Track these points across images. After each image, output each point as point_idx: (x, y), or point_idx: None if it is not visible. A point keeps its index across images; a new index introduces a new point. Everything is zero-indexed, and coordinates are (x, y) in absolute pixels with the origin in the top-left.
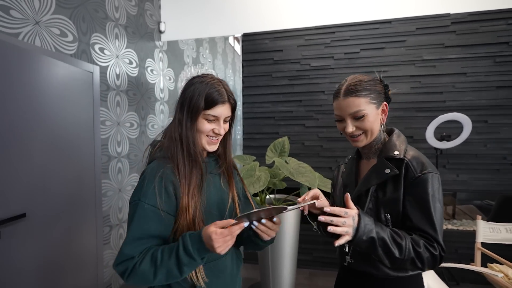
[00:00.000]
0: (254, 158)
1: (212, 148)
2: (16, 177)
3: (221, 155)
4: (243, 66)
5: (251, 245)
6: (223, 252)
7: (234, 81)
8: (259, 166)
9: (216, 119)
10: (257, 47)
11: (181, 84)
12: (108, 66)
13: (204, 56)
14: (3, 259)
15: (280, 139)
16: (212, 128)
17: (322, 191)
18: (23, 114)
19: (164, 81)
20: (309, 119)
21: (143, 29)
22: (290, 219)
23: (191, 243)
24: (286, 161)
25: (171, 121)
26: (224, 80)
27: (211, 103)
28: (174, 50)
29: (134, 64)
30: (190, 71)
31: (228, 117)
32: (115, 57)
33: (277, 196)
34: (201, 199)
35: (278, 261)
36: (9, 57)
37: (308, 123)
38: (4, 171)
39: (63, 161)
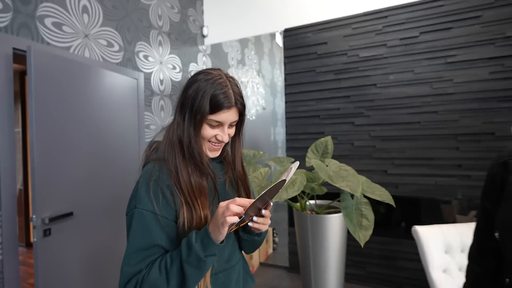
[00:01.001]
0: (293, 160)
1: (214, 154)
2: (65, 178)
3: (229, 162)
4: (285, 63)
5: (248, 245)
6: (221, 227)
7: (283, 82)
8: (298, 168)
9: (219, 124)
10: (299, 42)
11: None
12: (152, 72)
13: (250, 57)
14: (54, 252)
15: (322, 138)
16: (215, 134)
17: (375, 201)
18: (73, 119)
19: None
20: (358, 116)
21: (186, 35)
22: (333, 226)
23: (195, 236)
24: (326, 164)
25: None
26: (273, 81)
27: (215, 107)
28: (218, 53)
29: (178, 69)
30: (237, 74)
31: (235, 122)
32: (159, 63)
33: (318, 202)
34: (210, 207)
35: (321, 273)
36: (61, 69)
37: (358, 120)
38: (55, 172)
39: (109, 164)
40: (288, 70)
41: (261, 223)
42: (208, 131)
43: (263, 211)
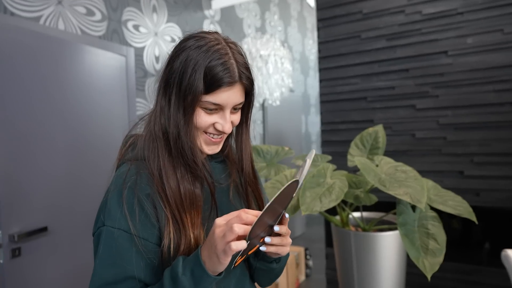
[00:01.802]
0: (329, 158)
1: (212, 150)
2: (36, 184)
3: (234, 162)
4: (318, 28)
5: (263, 275)
6: (222, 256)
7: (317, 54)
8: (335, 170)
9: (219, 108)
10: None
11: None
12: (144, 47)
13: (272, 23)
14: (25, 276)
15: (370, 128)
16: (213, 123)
17: (446, 214)
18: (44, 111)
19: None
20: (422, 97)
21: None
22: (386, 247)
23: (182, 265)
24: (376, 163)
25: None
26: (303, 54)
27: (211, 83)
28: (230, 19)
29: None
30: (255, 45)
31: (240, 104)
32: (153, 35)
33: (365, 215)
34: (206, 224)
35: None
36: (29, 46)
37: (421, 103)
38: (23, 177)
39: (92, 166)
40: (322, 37)
41: (278, 244)
42: (203, 118)
43: (277, 228)
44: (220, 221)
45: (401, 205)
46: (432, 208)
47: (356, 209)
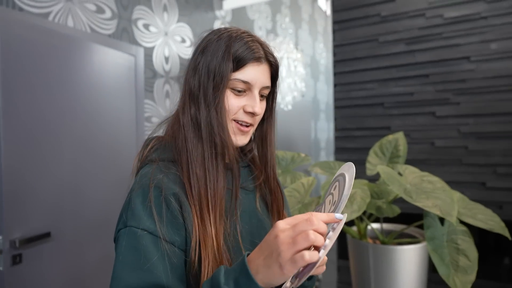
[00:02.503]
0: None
1: (241, 140)
2: (42, 188)
3: (258, 159)
4: (334, 31)
5: None
6: (288, 267)
7: (327, 59)
8: (354, 179)
9: (247, 87)
10: (355, 0)
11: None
12: (154, 47)
13: (283, 26)
14: (27, 284)
15: (390, 136)
16: (243, 106)
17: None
18: (53, 110)
19: None
20: (443, 103)
21: None
22: (408, 262)
23: (224, 273)
24: (399, 172)
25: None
26: (314, 58)
27: (239, 60)
28: (241, 20)
29: (188, 43)
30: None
31: (267, 88)
32: (164, 35)
33: (385, 226)
34: (229, 226)
35: None
36: (38, 42)
37: (442, 110)
38: (27, 179)
39: (98, 168)
40: (338, 40)
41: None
42: (232, 101)
43: (327, 241)
44: (283, 225)
45: (428, 218)
46: (462, 222)
47: (375, 220)
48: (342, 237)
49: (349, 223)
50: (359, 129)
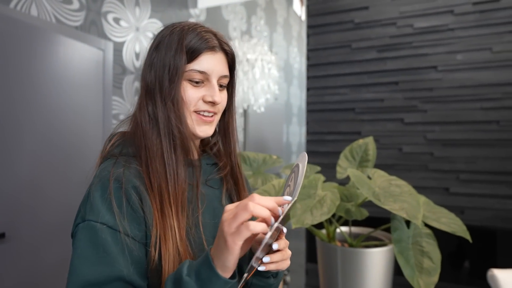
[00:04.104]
0: (319, 169)
1: (205, 130)
2: None
3: (223, 150)
4: (308, 35)
5: None
6: (232, 239)
7: (301, 63)
8: (325, 181)
9: (205, 78)
10: (329, 6)
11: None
12: (124, 42)
13: (258, 28)
14: None
15: (361, 140)
16: (202, 96)
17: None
18: (12, 103)
19: None
20: (411, 111)
21: None
22: (375, 265)
23: (187, 266)
24: (368, 176)
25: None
26: (288, 62)
27: (193, 51)
28: (215, 20)
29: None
30: (242, 48)
31: (225, 77)
32: (135, 30)
33: (354, 229)
34: (191, 220)
35: None
36: None
37: (410, 117)
38: None
39: (60, 166)
40: (312, 44)
41: (279, 260)
42: (190, 93)
43: (275, 245)
44: (229, 207)
45: (395, 220)
46: (426, 225)
47: (344, 223)
48: (311, 240)
49: (319, 226)
50: (331, 133)
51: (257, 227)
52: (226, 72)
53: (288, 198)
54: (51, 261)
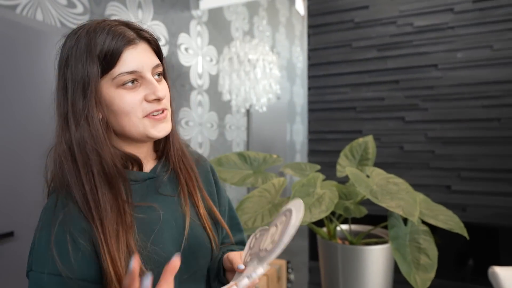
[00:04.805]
0: (319, 167)
1: (163, 129)
2: (4, 184)
3: (167, 147)
4: (308, 35)
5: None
6: None
7: (304, 63)
8: (324, 180)
9: (138, 76)
10: (330, 6)
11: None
12: None
13: (260, 28)
14: None
15: (361, 139)
16: (143, 97)
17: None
18: (16, 108)
19: (204, 63)
20: (411, 109)
21: None
22: (375, 262)
23: None
24: (367, 174)
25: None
26: (291, 61)
27: (110, 56)
28: (218, 22)
29: (163, 41)
30: (243, 49)
31: (158, 67)
32: None
33: (354, 227)
34: (138, 238)
35: None
36: (4, 36)
37: (410, 115)
38: None
39: None
40: (313, 44)
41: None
42: (128, 98)
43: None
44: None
45: (392, 218)
46: (424, 223)
47: (344, 221)
48: (313, 238)
49: (319, 224)
50: (332, 132)
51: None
52: (156, 61)
53: (242, 267)
54: None
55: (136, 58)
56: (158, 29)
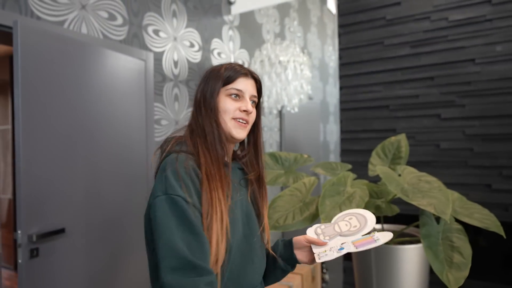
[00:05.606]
0: (350, 166)
1: (240, 134)
2: (57, 186)
3: (252, 160)
4: (339, 34)
5: (276, 276)
6: None
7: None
8: (355, 179)
9: (240, 94)
10: (361, 4)
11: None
12: (164, 51)
13: (291, 29)
14: (43, 277)
15: (393, 137)
16: (238, 107)
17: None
18: (68, 113)
19: None
20: (448, 106)
21: (207, 2)
22: (408, 262)
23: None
24: (398, 173)
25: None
26: (323, 61)
27: (230, 77)
28: (249, 25)
29: (197, 47)
30: (274, 51)
31: (255, 97)
32: (173, 40)
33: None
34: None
35: None
36: (54, 48)
37: (447, 112)
38: (45, 178)
39: (110, 168)
40: (344, 43)
41: None
42: (229, 104)
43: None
44: None
45: (424, 216)
46: (457, 221)
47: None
48: None
49: None
50: (365, 131)
51: None
52: (255, 93)
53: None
54: (102, 255)
55: (244, 84)
56: (192, 36)
